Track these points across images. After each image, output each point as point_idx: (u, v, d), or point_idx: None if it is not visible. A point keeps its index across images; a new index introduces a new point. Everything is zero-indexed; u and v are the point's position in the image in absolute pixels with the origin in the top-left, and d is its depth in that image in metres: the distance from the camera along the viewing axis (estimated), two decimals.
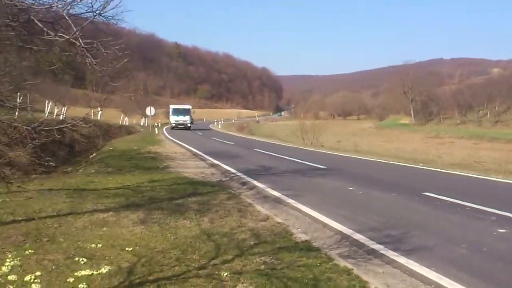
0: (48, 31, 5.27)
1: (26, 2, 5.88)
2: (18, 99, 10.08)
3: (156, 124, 54.29)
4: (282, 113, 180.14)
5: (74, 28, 5.29)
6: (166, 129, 53.36)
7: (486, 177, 14.10)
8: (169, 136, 38.78)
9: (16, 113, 10.24)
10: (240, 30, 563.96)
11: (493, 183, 13.16)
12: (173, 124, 56.28)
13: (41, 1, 6.01)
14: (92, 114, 7.71)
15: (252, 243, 6.54)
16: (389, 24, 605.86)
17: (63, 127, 7.56)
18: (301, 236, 7.00)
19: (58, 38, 5.25)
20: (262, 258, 5.81)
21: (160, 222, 7.62)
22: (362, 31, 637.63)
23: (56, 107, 31.86)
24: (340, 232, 7.23)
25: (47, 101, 30.05)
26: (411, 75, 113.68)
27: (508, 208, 8.83)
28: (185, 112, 57.38)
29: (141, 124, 67.36)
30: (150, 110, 48.77)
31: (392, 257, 5.94)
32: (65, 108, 32.14)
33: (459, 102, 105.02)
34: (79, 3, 5.58)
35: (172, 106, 59.40)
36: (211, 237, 6.79)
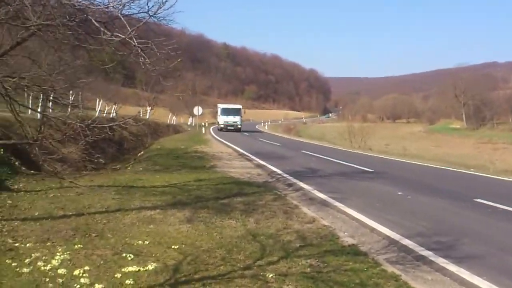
0: (105, 31, 5.36)
1: (84, 2, 6.01)
2: (70, 97, 10.39)
3: (203, 124, 54.92)
4: (330, 115, 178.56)
5: (128, 28, 5.35)
6: (213, 129, 53.85)
7: None
8: (216, 136, 39.11)
9: (69, 110, 10.55)
10: (288, 31, 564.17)
11: None
12: (222, 125, 50.01)
13: (97, 1, 6.14)
14: (141, 113, 7.82)
15: (298, 245, 6.45)
16: (441, 25, 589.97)
17: (114, 125, 7.70)
18: (348, 240, 6.86)
19: (114, 38, 5.33)
20: (308, 260, 5.72)
21: (206, 221, 7.63)
22: (413, 33, 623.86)
23: (106, 105, 32.83)
24: (388, 237, 7.04)
25: (98, 99, 31.00)
26: (464, 78, 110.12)
27: None
28: (235, 112, 50.47)
29: (188, 123, 68.47)
30: (197, 110, 49.41)
31: (441, 264, 5.75)
32: (116, 107, 33.04)
33: None
34: (133, 4, 5.65)
35: (220, 105, 52.92)
36: (256, 237, 6.74)
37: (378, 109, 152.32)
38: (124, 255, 5.66)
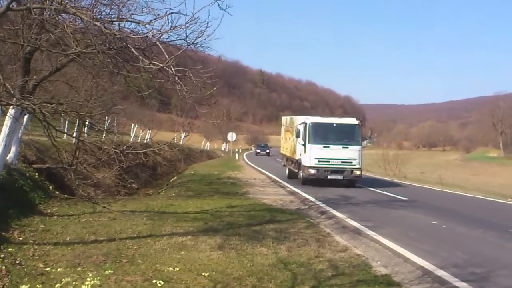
0: (143, 59, 5.46)
1: (124, 30, 6.16)
2: (106, 122, 10.65)
3: (236, 150, 55.21)
4: (364, 142, 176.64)
5: (166, 56, 5.43)
6: (246, 155, 54.01)
7: None
8: (249, 162, 39.18)
9: (104, 135, 10.77)
10: (324, 58, 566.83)
11: None
12: (315, 168, 19.04)
13: (137, 30, 6.28)
14: (175, 139, 7.89)
15: (330, 274, 6.36)
16: (481, 52, 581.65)
17: (149, 151, 7.79)
18: (380, 270, 6.75)
19: (152, 66, 5.42)
20: None
21: (237, 248, 7.57)
22: (451, 59, 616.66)
23: (141, 130, 33.44)
24: (422, 268, 6.89)
25: (133, 125, 31.61)
26: (502, 106, 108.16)
27: None
28: (347, 134, 19.82)
29: (222, 149, 68.89)
30: (231, 136, 49.76)
31: None
32: (150, 132, 33.61)
33: None
34: (171, 32, 5.74)
35: (310, 120, 20.14)
36: (288, 266, 6.65)
37: (414, 136, 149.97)
38: (154, 281, 5.63)
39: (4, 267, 5.87)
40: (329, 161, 18.88)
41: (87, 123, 10.07)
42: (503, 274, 6.67)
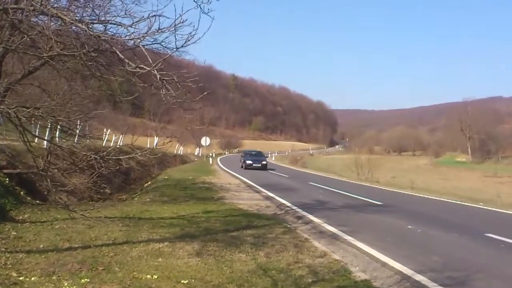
0: (129, 62, 5.35)
1: (107, 33, 6.02)
2: (78, 127, 10.40)
3: (210, 154, 54.91)
4: (337, 146, 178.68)
5: (150, 60, 5.33)
6: (220, 159, 53.77)
7: None
8: (223, 167, 39.06)
9: (76, 140, 10.50)
10: (297, 64, 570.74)
11: None
12: None
13: (119, 33, 6.15)
14: (154, 145, 7.74)
15: (310, 280, 6.32)
16: (448, 59, 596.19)
17: (131, 157, 7.64)
18: (360, 275, 6.76)
19: (139, 70, 5.30)
20: None
21: (216, 255, 7.48)
22: (420, 66, 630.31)
23: (113, 134, 32.89)
24: (400, 272, 6.92)
25: (105, 129, 31.04)
26: (470, 112, 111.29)
27: None
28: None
29: (195, 154, 68.44)
30: (205, 141, 49.49)
31: None
32: (122, 136, 33.08)
33: None
34: (158, 34, 5.63)
35: None
36: (267, 272, 6.59)
37: (385, 141, 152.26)
38: None
39: None
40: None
41: (59, 127, 9.80)
42: (478, 277, 6.75)
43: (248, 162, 37.26)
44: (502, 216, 14.10)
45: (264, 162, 37.68)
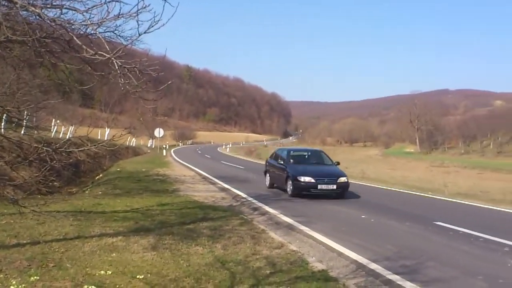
0: (87, 49, 5.08)
1: (64, 18, 5.72)
2: (25, 117, 9.91)
3: (164, 146, 54.13)
4: (290, 138, 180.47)
5: (107, 47, 5.08)
6: (174, 151, 53.08)
7: (494, 207, 13.91)
8: (177, 158, 38.58)
9: (22, 131, 10.01)
10: (251, 55, 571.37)
11: (502, 213, 12.97)
12: None
13: (74, 18, 5.85)
14: (107, 136, 7.46)
15: (268, 272, 6.31)
16: (399, 53, 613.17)
17: (86, 149, 7.33)
18: (317, 265, 6.82)
19: (97, 57, 5.04)
20: None
21: (172, 248, 7.35)
22: (372, 60, 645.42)
23: (63, 126, 31.76)
24: (356, 262, 7.06)
25: (54, 120, 29.92)
26: (418, 104, 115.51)
27: None
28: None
29: (148, 145, 67.29)
30: (158, 132, 48.75)
31: None
32: (73, 128, 31.98)
33: (463, 132, 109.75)
34: (118, 20, 5.37)
35: None
36: (225, 264, 6.53)
37: (337, 133, 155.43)
38: (85, 286, 5.30)
39: None
40: None
41: (4, 117, 9.32)
42: (431, 265, 6.94)
43: (304, 180, 14.69)
44: (449, 205, 14.58)
45: (343, 180, 15.14)
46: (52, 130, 27.84)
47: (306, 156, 17.75)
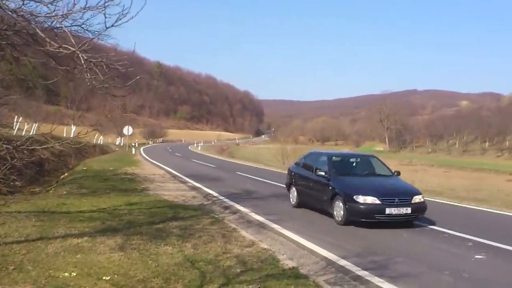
0: (51, 42, 4.84)
1: (27, 10, 5.46)
2: None
3: (133, 144, 53.35)
4: (263, 136, 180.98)
5: (72, 40, 4.86)
6: (143, 149, 52.35)
7: (459, 204, 14.18)
8: (146, 157, 38.09)
9: None
10: (224, 53, 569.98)
11: (466, 210, 13.25)
12: None
13: (37, 11, 5.60)
14: (70, 134, 7.19)
15: (239, 270, 6.23)
16: (370, 53, 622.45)
17: (48, 147, 7.05)
18: (288, 263, 6.81)
19: (62, 50, 4.81)
20: (250, 286, 5.55)
21: (140, 248, 7.18)
22: (344, 59, 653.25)
23: (26, 123, 30.86)
24: (326, 258, 7.10)
25: (16, 116, 29.00)
26: (387, 104, 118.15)
27: (482, 235, 9.01)
28: None
29: (117, 143, 66.16)
30: (127, 130, 48.00)
31: (378, 283, 5.86)
32: (36, 125, 31.07)
33: (431, 131, 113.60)
34: (85, 12, 5.15)
35: None
36: (195, 264, 6.41)
37: (309, 131, 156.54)
38: None
39: None
40: None
41: None
42: (399, 261, 7.03)
43: (364, 201, 9.71)
44: None
45: (418, 200, 10.05)
46: (14, 128, 27.00)
47: (354, 164, 12.09)
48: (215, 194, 14.58)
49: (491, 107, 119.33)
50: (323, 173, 11.05)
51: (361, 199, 9.64)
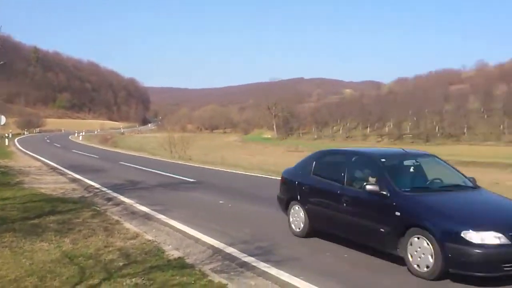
0: None
1: None
2: None
3: (6, 135, 49.31)
4: (150, 125, 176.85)
5: None
6: (18, 140, 48.65)
7: None
8: (22, 148, 35.49)
9: None
10: (108, 38, 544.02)
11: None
12: None
13: None
14: None
15: (121, 264, 6.08)
16: (259, 40, 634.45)
17: None
18: (173, 253, 6.74)
19: None
20: (133, 279, 5.41)
21: (12, 246, 6.74)
22: (233, 47, 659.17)
23: None
24: (212, 247, 7.14)
25: None
26: (275, 92, 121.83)
27: None
28: None
29: None
30: (0, 119, 44.16)
31: (263, 268, 5.96)
32: None
33: (316, 118, 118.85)
34: None
35: None
36: (74, 260, 6.15)
37: (197, 119, 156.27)
38: None
39: None
40: None
41: None
42: (284, 245, 7.24)
43: (481, 242, 5.28)
44: None
45: None
46: None
47: (412, 169, 7.18)
48: (97, 185, 14.08)
49: (372, 95, 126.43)
50: (375, 187, 6.43)
51: (475, 237, 5.37)
